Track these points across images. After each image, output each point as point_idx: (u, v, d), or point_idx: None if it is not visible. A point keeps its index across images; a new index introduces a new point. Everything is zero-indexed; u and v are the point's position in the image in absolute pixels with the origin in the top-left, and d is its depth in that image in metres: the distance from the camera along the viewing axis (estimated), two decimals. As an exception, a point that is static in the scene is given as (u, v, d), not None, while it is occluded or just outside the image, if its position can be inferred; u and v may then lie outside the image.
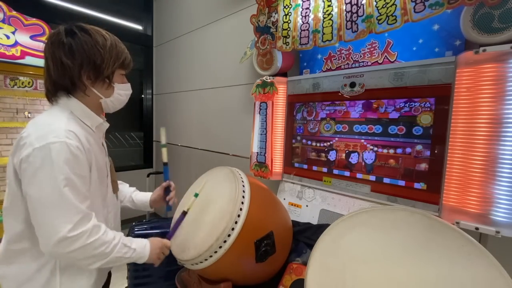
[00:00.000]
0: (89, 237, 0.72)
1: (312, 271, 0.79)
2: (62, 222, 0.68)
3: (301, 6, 1.31)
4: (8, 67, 2.01)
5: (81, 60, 0.77)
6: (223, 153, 2.26)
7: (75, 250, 0.70)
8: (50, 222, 0.68)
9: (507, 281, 0.59)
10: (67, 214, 0.69)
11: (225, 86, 2.21)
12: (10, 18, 2.00)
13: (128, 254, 0.81)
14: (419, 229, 0.72)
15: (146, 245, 0.87)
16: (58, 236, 0.68)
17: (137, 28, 3.23)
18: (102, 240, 0.74)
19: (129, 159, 3.38)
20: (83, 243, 0.70)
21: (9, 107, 2.21)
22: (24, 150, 0.70)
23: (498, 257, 0.62)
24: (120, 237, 0.81)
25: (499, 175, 0.86)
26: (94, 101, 0.84)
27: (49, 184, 0.68)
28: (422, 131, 1.06)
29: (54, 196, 0.68)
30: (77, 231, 0.70)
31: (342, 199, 1.30)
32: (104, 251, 0.75)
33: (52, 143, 0.69)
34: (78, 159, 0.73)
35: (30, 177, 0.69)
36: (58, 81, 0.78)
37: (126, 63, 0.87)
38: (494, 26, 0.87)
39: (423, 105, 1.06)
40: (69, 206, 0.70)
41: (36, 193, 0.69)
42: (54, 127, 0.73)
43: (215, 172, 1.15)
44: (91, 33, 0.80)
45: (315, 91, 1.41)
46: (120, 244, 0.79)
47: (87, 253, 0.72)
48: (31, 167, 0.69)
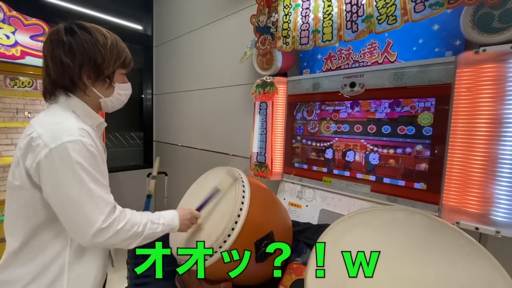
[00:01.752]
0: (119, 222, 0.75)
1: (312, 271, 0.79)
2: (95, 214, 0.71)
3: (301, 6, 1.31)
4: (8, 67, 2.01)
5: (82, 60, 0.76)
6: (223, 153, 2.26)
7: (111, 237, 0.73)
8: (84, 217, 0.71)
9: (507, 281, 0.59)
10: (98, 207, 0.72)
11: (225, 86, 2.21)
12: (10, 18, 2.00)
13: (159, 228, 0.84)
14: (419, 229, 0.72)
15: (174, 217, 0.90)
16: (94, 228, 0.70)
17: (137, 28, 3.23)
18: (131, 222, 0.77)
19: (129, 159, 3.38)
20: (115, 229, 0.73)
21: (9, 107, 2.21)
22: (40, 152, 0.69)
23: (498, 257, 0.62)
24: (147, 216, 0.83)
25: (499, 175, 0.86)
26: (93, 100, 0.84)
27: (75, 181, 0.70)
28: (422, 131, 1.06)
29: (83, 193, 0.70)
30: (109, 220, 0.73)
31: (342, 199, 1.30)
32: (137, 231, 0.78)
33: (69, 142, 0.69)
34: (95, 156, 0.74)
35: (52, 178, 0.70)
36: (58, 81, 0.78)
37: (127, 62, 0.87)
38: (494, 26, 0.87)
39: (423, 105, 1.06)
40: (99, 199, 0.72)
41: (63, 192, 0.70)
42: (66, 126, 0.73)
43: (215, 172, 1.15)
44: (91, 31, 0.79)
45: (315, 91, 1.40)
46: (149, 222, 0.82)
47: (122, 237, 0.75)
48: (50, 168, 0.69)
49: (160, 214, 0.88)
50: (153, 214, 0.86)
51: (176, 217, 0.90)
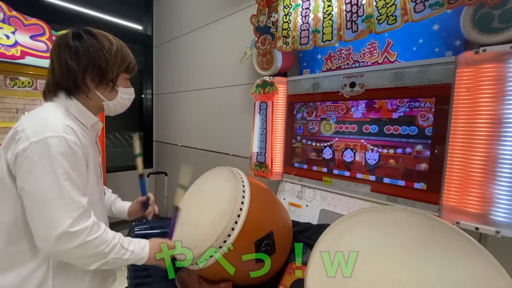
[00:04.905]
0: (89, 234, 0.70)
1: (312, 271, 0.79)
2: (62, 217, 0.66)
3: (301, 6, 1.31)
4: (8, 67, 2.01)
5: (86, 63, 0.78)
6: (223, 153, 2.26)
7: (75, 247, 0.67)
8: (50, 217, 0.66)
9: (507, 281, 0.59)
10: (67, 209, 0.67)
11: (225, 86, 2.21)
12: (10, 18, 2.00)
13: (126, 255, 0.78)
14: (419, 229, 0.72)
15: (145, 247, 0.84)
16: (58, 231, 0.65)
17: (137, 28, 3.23)
18: (102, 238, 0.72)
19: (129, 159, 3.38)
20: (83, 240, 0.68)
21: (9, 107, 2.21)
22: (20, 144, 0.68)
23: (498, 257, 0.62)
24: (119, 237, 0.79)
25: (499, 175, 0.86)
26: (96, 103, 0.85)
27: (48, 178, 0.67)
28: (422, 131, 1.06)
29: (53, 191, 0.67)
30: (78, 227, 0.68)
31: (342, 199, 1.30)
32: (103, 251, 0.72)
33: (50, 137, 0.68)
34: (76, 154, 0.72)
35: (27, 171, 0.68)
36: (61, 82, 0.79)
37: (131, 67, 0.89)
38: (494, 26, 0.87)
39: (423, 105, 1.06)
40: (68, 201, 0.68)
41: (34, 188, 0.67)
42: (52, 121, 0.71)
43: (215, 172, 1.15)
44: (97, 37, 0.80)
45: (315, 91, 1.40)
46: (119, 245, 0.77)
47: (87, 252, 0.70)
48: (28, 161, 0.67)
49: (130, 240, 0.82)
50: (124, 238, 0.80)
51: (146, 247, 0.84)
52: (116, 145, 3.32)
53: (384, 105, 1.17)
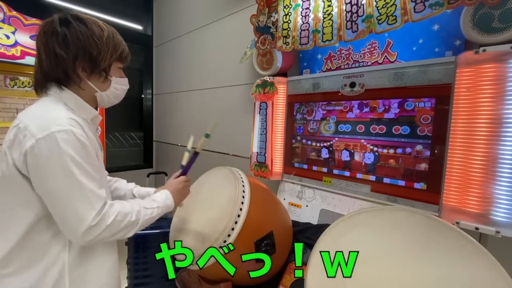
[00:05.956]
0: (109, 217, 0.70)
1: (312, 271, 0.79)
2: (87, 210, 0.67)
3: (301, 6, 1.31)
4: (8, 67, 2.01)
5: (76, 51, 0.73)
6: (223, 153, 2.26)
7: (102, 232, 0.69)
8: (74, 213, 0.66)
9: (507, 281, 0.59)
10: (90, 202, 0.68)
11: (225, 86, 2.21)
12: (10, 18, 2.00)
13: (155, 212, 0.81)
14: (419, 229, 0.72)
15: (167, 197, 0.87)
16: (85, 225, 0.66)
17: (137, 28, 3.23)
18: (123, 213, 0.73)
19: (129, 159, 3.38)
20: (106, 224, 0.69)
21: (9, 107, 2.21)
22: (26, 143, 0.65)
23: (498, 257, 0.62)
24: (138, 203, 0.80)
25: (499, 175, 0.86)
26: (88, 94, 0.80)
27: (64, 175, 0.65)
28: (422, 131, 1.06)
29: (73, 186, 0.66)
30: (99, 217, 0.68)
31: (342, 199, 1.30)
32: (130, 220, 0.74)
33: (57, 131, 0.65)
34: (86, 147, 0.70)
35: (40, 170, 0.66)
36: (51, 73, 0.74)
37: (124, 55, 0.84)
38: (494, 26, 0.87)
39: (423, 105, 1.06)
40: (90, 193, 0.68)
41: (53, 185, 0.66)
42: (54, 115, 0.69)
43: (215, 172, 1.15)
44: (87, 23, 0.76)
45: (315, 91, 1.40)
46: (143, 209, 0.79)
47: (115, 229, 0.71)
48: (38, 159, 0.65)
49: (151, 198, 0.85)
50: (145, 200, 0.83)
51: (169, 196, 0.87)
52: (116, 145, 3.32)
53: (384, 105, 1.17)
